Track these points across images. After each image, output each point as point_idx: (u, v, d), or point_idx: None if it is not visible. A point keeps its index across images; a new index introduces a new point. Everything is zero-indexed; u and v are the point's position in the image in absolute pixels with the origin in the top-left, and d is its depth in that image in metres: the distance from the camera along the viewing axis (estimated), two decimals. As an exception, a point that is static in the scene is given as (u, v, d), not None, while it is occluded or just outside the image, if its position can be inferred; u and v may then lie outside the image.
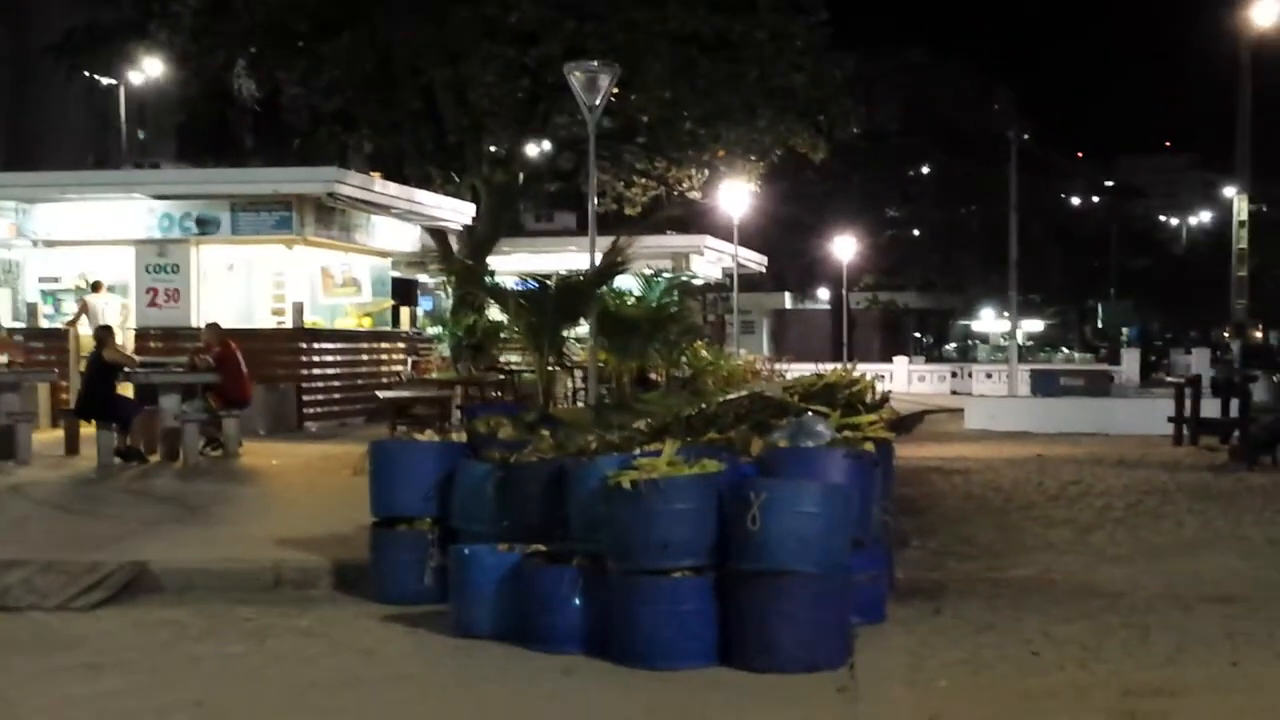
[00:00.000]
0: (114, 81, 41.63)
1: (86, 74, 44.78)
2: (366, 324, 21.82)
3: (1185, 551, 11.21)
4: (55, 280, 21.30)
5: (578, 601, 7.48)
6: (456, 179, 25.74)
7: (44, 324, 20.59)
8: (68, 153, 64.77)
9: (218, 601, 9.00)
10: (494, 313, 21.55)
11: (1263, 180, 37.96)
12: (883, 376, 28.53)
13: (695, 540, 7.22)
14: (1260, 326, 47.06)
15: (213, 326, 16.47)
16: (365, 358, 21.30)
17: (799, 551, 6.95)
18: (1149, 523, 12.88)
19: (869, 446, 8.45)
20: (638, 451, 8.18)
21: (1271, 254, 52.18)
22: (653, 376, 22.11)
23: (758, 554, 7.00)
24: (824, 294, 66.30)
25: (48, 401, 18.67)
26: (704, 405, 10.36)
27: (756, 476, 7.65)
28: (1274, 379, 20.94)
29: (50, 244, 20.86)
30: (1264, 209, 49.07)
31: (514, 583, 7.83)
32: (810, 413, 8.72)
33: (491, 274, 21.67)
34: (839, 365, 11.87)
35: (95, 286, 20.15)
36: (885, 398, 10.21)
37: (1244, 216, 29.69)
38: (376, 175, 22.28)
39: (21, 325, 20.76)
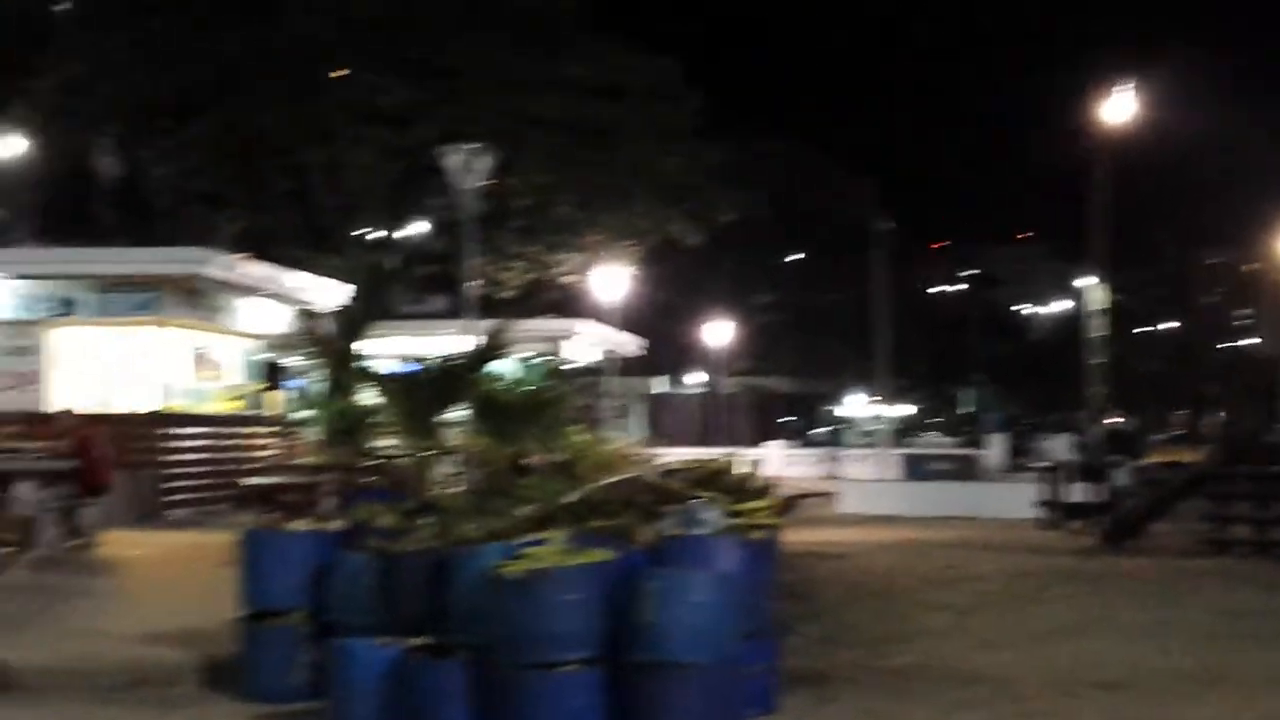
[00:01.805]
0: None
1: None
2: (238, 407, 21.28)
3: (1064, 636, 11.25)
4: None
5: (463, 698, 7.20)
6: (328, 260, 25.39)
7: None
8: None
9: (79, 701, 8.56)
10: (367, 396, 21.18)
11: (1116, 269, 39.24)
12: (757, 461, 28.58)
13: (585, 632, 7.03)
14: (1120, 411, 48.36)
15: (67, 412, 15.95)
16: (232, 443, 20.75)
17: (692, 642, 6.79)
18: (1026, 607, 12.94)
19: (759, 534, 8.35)
20: (523, 540, 7.97)
21: (1125, 340, 53.79)
22: (528, 461, 21.89)
23: (651, 645, 6.83)
24: (697, 378, 66.62)
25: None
26: (585, 491, 10.21)
27: (647, 565, 7.48)
28: (1135, 464, 21.45)
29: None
30: (1120, 298, 50.67)
31: (395, 679, 7.53)
32: (697, 499, 8.59)
33: (362, 358, 21.29)
34: (714, 450, 11.81)
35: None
36: (769, 484, 10.14)
37: (1104, 305, 30.56)
38: (246, 256, 21.86)
39: None
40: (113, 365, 20.09)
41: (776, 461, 43.03)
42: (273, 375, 26.85)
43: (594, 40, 24.01)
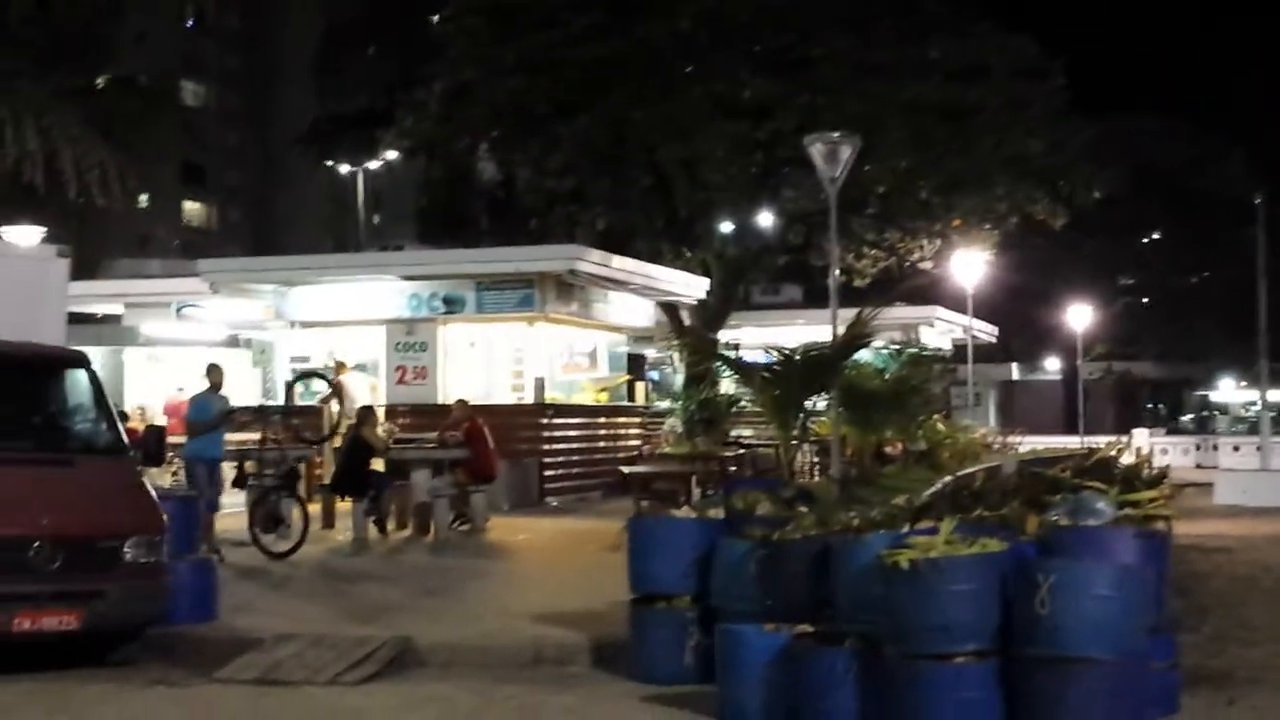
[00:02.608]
0: (352, 169, 43.48)
1: (329, 164, 46.94)
2: (603, 399, 22.02)
3: None
4: (305, 360, 22.09)
5: (852, 686, 7.25)
6: (688, 254, 25.91)
7: (297, 402, 21.30)
8: (308, 237, 67.96)
9: (481, 678, 9.05)
10: (726, 386, 21.54)
11: None
12: (1140, 449, 27.39)
13: (978, 623, 6.94)
14: None
15: (462, 403, 16.82)
16: (603, 432, 21.50)
17: (1092, 637, 6.61)
18: None
19: (1152, 525, 8.05)
20: (907, 529, 7.94)
21: None
22: (888, 450, 21.71)
23: (1047, 639, 6.69)
24: (1053, 364, 64.40)
25: (305, 477, 19.26)
26: (958, 480, 10.04)
27: (1042, 556, 7.32)
28: None
29: (306, 325, 21.66)
30: None
31: (783, 665, 7.65)
32: (1086, 490, 8.35)
33: (736, 347, 21.67)
34: (1075, 438, 11.39)
35: (339, 367, 20.76)
36: (1164, 473, 9.71)
37: None
38: (614, 254, 22.59)
39: (275, 404, 21.56)
40: (492, 359, 21.12)
41: (1145, 450, 41.15)
42: (638, 367, 27.69)
43: (956, 19, 23.55)
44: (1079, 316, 51.66)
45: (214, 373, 15.04)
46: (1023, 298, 56.27)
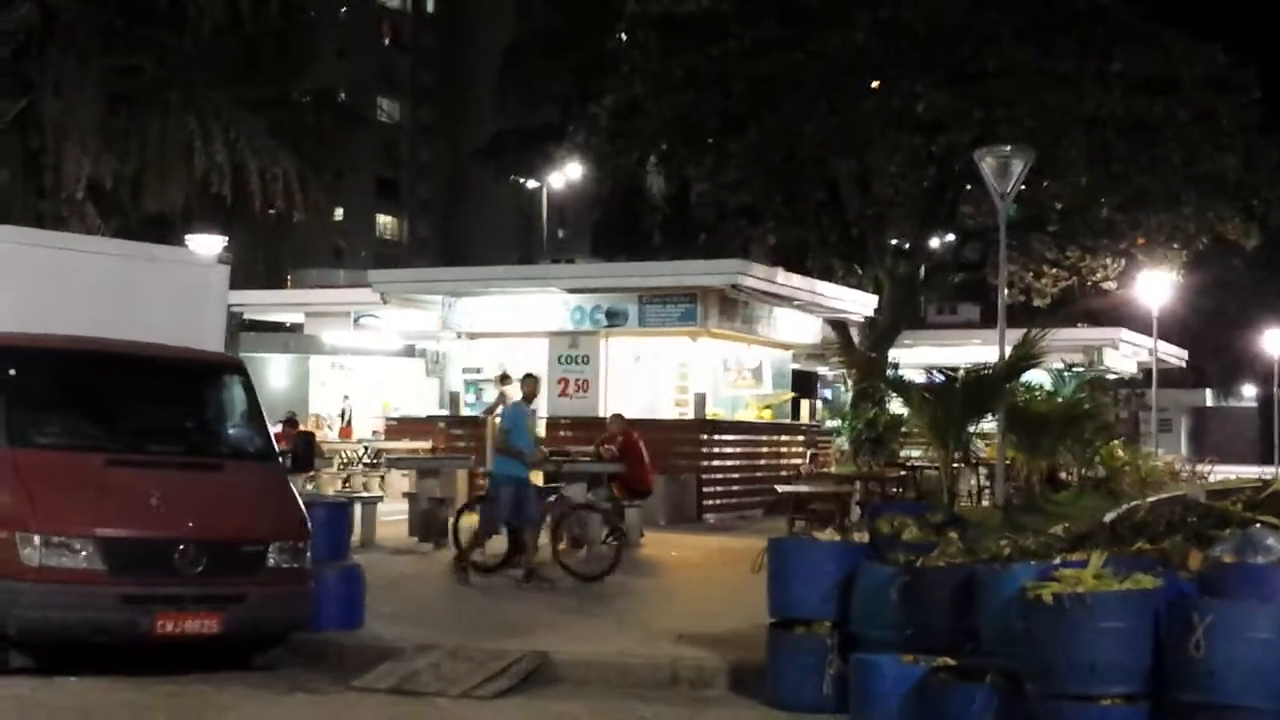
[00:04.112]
0: (537, 184, 44.06)
1: (512, 178, 47.63)
2: (766, 416, 21.74)
3: None
4: (477, 371, 22.35)
5: (991, 724, 6.88)
6: (859, 270, 25.46)
7: (465, 412, 21.57)
8: (495, 251, 69.17)
9: (614, 697, 8.90)
10: (895, 406, 21.05)
11: None
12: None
13: (1127, 665, 6.51)
14: None
15: (618, 417, 16.73)
16: (765, 450, 21.21)
17: (1251, 685, 6.12)
18: None
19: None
20: (1058, 560, 7.51)
21: None
22: (1063, 476, 20.93)
23: (1202, 684, 6.22)
24: (1249, 391, 61.73)
25: (465, 487, 19.43)
26: (1127, 510, 9.53)
27: (1199, 595, 6.83)
28: None
29: (472, 336, 21.91)
30: None
31: (919, 699, 7.34)
32: (1258, 524, 7.78)
33: (895, 366, 21.19)
34: (1270, 468, 10.71)
35: (504, 378, 20.87)
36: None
37: None
38: (778, 268, 22.31)
39: (445, 413, 21.87)
40: (655, 373, 21.01)
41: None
42: (803, 384, 27.32)
43: (1142, 29, 22.61)
44: (1277, 341, 49.33)
45: (530, 382, 13.95)
46: (1216, 321, 54.04)
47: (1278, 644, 6.20)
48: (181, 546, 9.01)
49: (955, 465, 14.29)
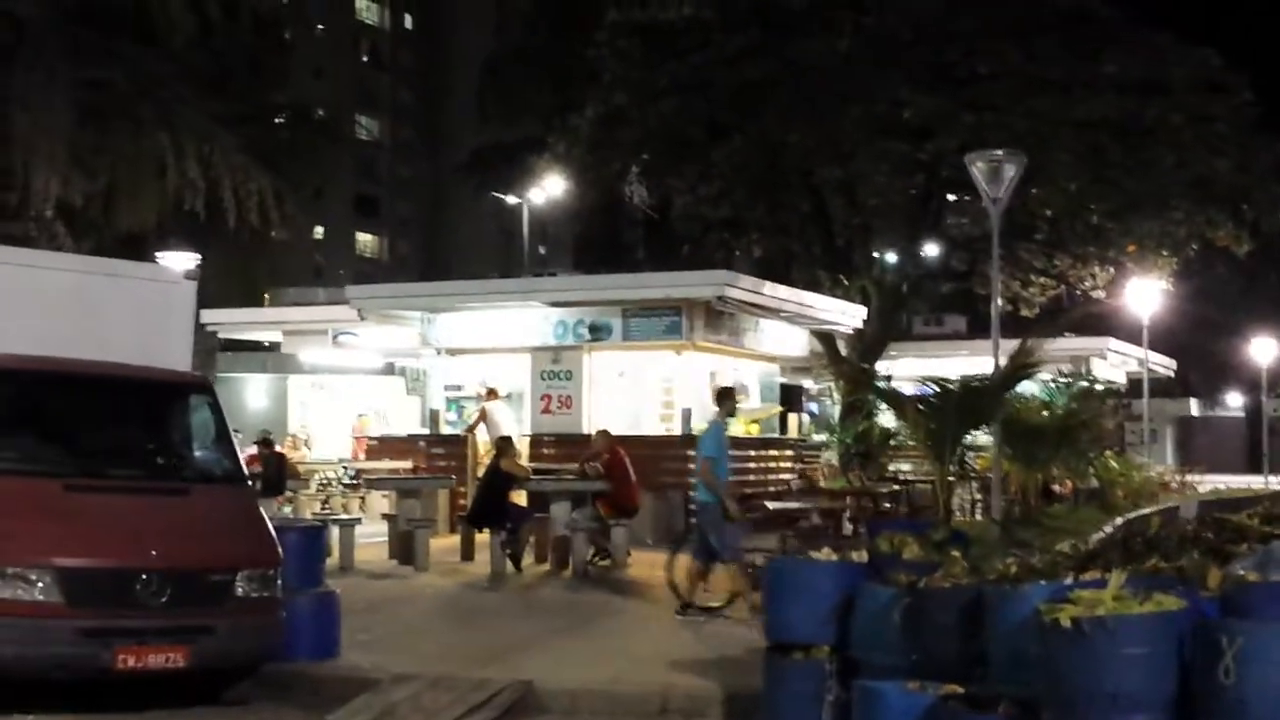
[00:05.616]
0: (517, 199, 43.72)
1: (492, 194, 47.25)
2: (754, 431, 21.30)
3: None
4: (458, 388, 21.88)
5: (1005, 757, 6.44)
6: (845, 281, 25.08)
7: (445, 430, 21.10)
8: (476, 266, 68.70)
9: (602, 728, 8.48)
10: (885, 419, 20.65)
11: None
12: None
13: (1151, 693, 6.07)
14: None
15: (603, 433, 16.31)
16: (753, 465, 20.73)
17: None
18: None
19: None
20: (1070, 580, 7.09)
21: None
22: (1056, 488, 20.58)
23: (1232, 713, 5.78)
24: (1235, 400, 61.64)
25: (447, 507, 18.96)
26: (1125, 523, 9.16)
27: (1224, 617, 6.42)
28: None
29: (452, 352, 21.45)
30: None
31: (927, 729, 6.87)
32: (1278, 539, 7.41)
33: (888, 379, 20.81)
34: (1262, 478, 10.35)
35: (490, 394, 20.40)
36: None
37: None
38: (764, 279, 21.90)
39: (425, 431, 21.39)
40: (639, 389, 20.56)
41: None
42: (794, 398, 26.89)
43: (1132, 31, 22.30)
44: (1264, 350, 49.15)
45: (728, 397, 12.93)
46: (1203, 329, 53.88)
47: (1313, 669, 5.78)
48: (144, 576, 8.54)
49: (950, 479, 13.92)
